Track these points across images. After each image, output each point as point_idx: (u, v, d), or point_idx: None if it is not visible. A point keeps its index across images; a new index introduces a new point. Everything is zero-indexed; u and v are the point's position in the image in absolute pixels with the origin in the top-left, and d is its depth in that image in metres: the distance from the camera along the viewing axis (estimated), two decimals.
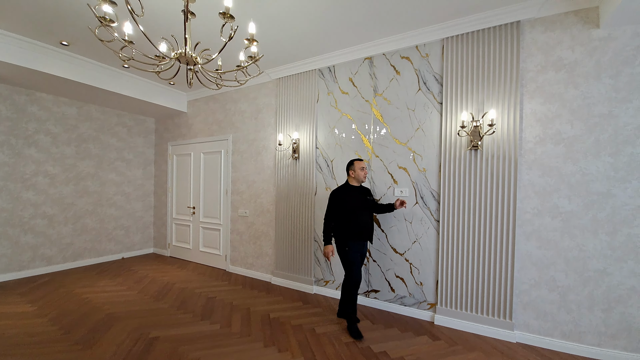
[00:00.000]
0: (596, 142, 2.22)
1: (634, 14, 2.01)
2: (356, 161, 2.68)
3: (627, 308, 2.08)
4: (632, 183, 2.10)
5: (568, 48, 2.34)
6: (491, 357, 2.18)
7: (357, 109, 3.27)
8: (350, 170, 2.68)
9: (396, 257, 2.99)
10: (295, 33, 2.96)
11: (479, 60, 2.63)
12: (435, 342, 2.38)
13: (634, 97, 2.11)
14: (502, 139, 2.50)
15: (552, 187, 2.36)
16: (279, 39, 3.05)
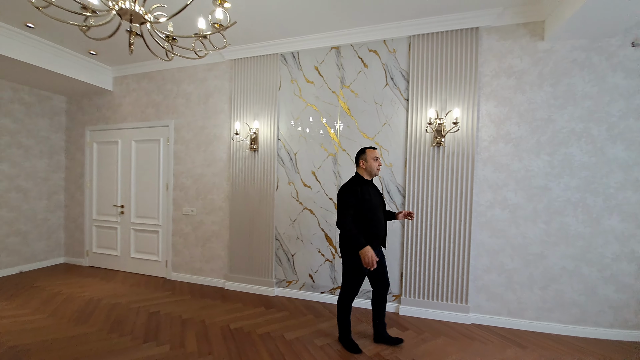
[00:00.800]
0: (537, 143, 2.54)
1: (574, 30, 2.32)
2: (368, 149, 2.18)
3: (559, 285, 2.46)
4: (564, 178, 2.47)
5: (517, 57, 2.60)
6: (455, 340, 2.33)
7: (323, 99, 3.12)
8: (361, 161, 2.19)
9: None
10: (256, 10, 2.64)
11: (442, 61, 2.74)
12: (404, 332, 2.44)
13: (569, 104, 2.46)
14: (462, 137, 2.67)
15: (502, 182, 2.62)
16: (237, 15, 2.67)
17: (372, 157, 2.15)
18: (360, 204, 2.08)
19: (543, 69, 2.53)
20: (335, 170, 3.07)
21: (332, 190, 3.07)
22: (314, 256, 3.11)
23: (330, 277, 3.06)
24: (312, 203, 3.13)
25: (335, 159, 3.07)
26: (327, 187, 3.09)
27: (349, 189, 2.13)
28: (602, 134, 2.39)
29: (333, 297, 3.03)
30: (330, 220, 3.06)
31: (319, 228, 3.10)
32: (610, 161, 2.37)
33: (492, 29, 2.67)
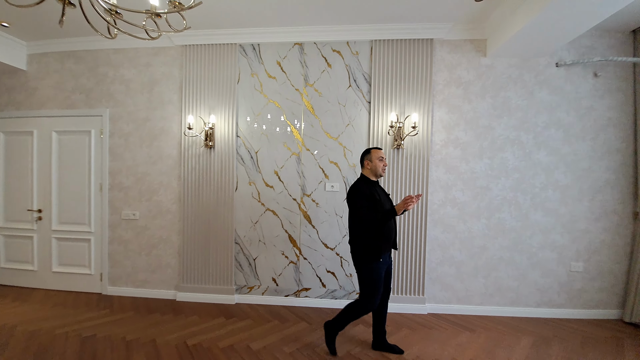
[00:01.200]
0: (480, 148, 2.85)
1: (509, 50, 2.66)
2: (373, 150, 2.12)
3: (498, 273, 2.82)
4: (501, 180, 2.82)
5: (465, 69, 2.88)
6: (416, 330, 2.50)
7: (286, 97, 3.02)
8: (366, 161, 2.12)
9: (327, 252, 2.98)
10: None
11: (401, 67, 2.88)
12: (370, 329, 2.51)
13: (505, 114, 2.81)
14: (419, 141, 2.85)
15: (452, 182, 2.88)
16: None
17: (377, 157, 2.09)
18: (372, 207, 1.98)
19: (485, 82, 2.85)
20: (299, 170, 3.00)
21: (296, 190, 3.00)
22: (278, 259, 3.01)
23: (295, 280, 3.00)
24: (275, 204, 3.01)
25: (299, 158, 3.01)
26: (290, 187, 3.01)
27: (359, 191, 2.02)
28: (529, 141, 2.80)
29: (298, 300, 2.98)
30: (294, 221, 2.99)
31: (283, 230, 3.01)
32: (536, 165, 2.79)
33: (444, 42, 2.89)
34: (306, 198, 3.00)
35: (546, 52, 2.69)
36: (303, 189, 3.01)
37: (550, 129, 2.78)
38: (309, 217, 3.00)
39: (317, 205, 3.00)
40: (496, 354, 2.18)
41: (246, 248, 3.04)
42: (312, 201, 3.00)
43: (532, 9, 2.18)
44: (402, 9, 2.56)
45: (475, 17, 2.67)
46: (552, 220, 2.77)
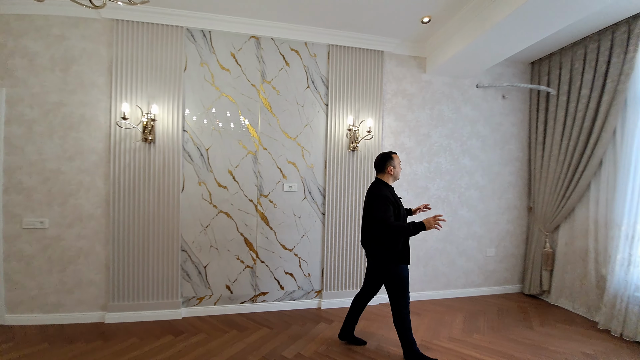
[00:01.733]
0: (421, 153, 3.24)
1: (443, 70, 3.10)
2: (394, 154, 2.12)
3: (434, 262, 3.26)
4: (436, 181, 3.26)
5: (409, 83, 3.23)
6: (373, 320, 2.68)
7: (241, 91, 2.85)
8: (390, 167, 2.08)
9: (285, 254, 2.93)
10: None
11: (356, 74, 3.05)
12: (331, 325, 2.60)
13: (440, 125, 3.26)
14: (371, 144, 3.07)
15: (399, 183, 3.18)
16: None
17: (398, 163, 2.14)
18: (397, 214, 1.98)
19: (425, 95, 3.25)
20: (256, 170, 2.87)
21: (252, 191, 2.86)
22: (232, 264, 2.82)
23: (252, 285, 2.85)
24: (229, 205, 2.81)
25: (255, 157, 2.88)
26: (246, 187, 2.85)
27: (383, 195, 1.97)
28: (457, 148, 3.32)
29: (256, 306, 2.84)
30: (251, 224, 2.85)
31: (238, 233, 2.83)
32: (462, 169, 3.33)
33: (393, 55, 3.19)
34: (263, 199, 2.90)
35: (470, 75, 3.23)
36: (260, 189, 2.89)
37: (472, 139, 3.35)
38: (266, 218, 2.90)
39: (275, 206, 2.92)
40: (439, 331, 2.53)
41: (195, 255, 2.75)
42: (269, 202, 2.91)
43: (461, 41, 2.63)
44: (357, 19, 2.72)
45: (418, 37, 3.03)
46: (474, 215, 3.35)
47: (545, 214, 3.16)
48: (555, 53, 3.14)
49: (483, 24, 2.37)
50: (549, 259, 3.09)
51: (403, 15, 2.64)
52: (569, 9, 2.04)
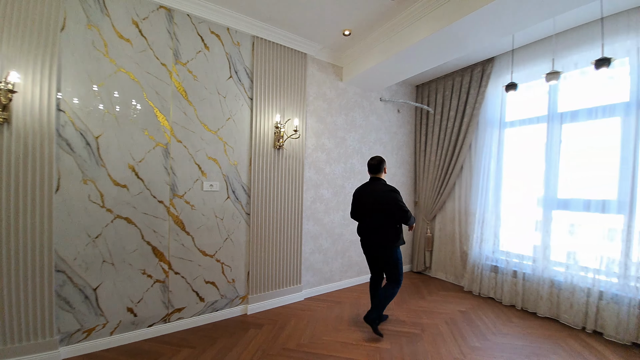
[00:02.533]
0: (339, 154, 3.52)
1: (355, 82, 3.47)
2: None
3: (350, 253, 3.58)
4: (351, 180, 3.62)
5: (328, 88, 3.45)
6: (301, 317, 2.72)
7: (147, 69, 2.36)
8: (385, 168, 2.61)
9: (205, 261, 2.60)
10: None
11: (282, 72, 3.04)
12: (262, 329, 2.48)
13: (353, 130, 3.63)
14: (296, 143, 3.12)
15: (320, 181, 3.37)
16: None
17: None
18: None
19: (341, 101, 3.55)
20: (168, 166, 2.43)
21: (162, 190, 2.40)
22: (135, 281, 2.28)
23: (163, 302, 2.38)
24: (131, 209, 2.27)
25: (167, 151, 2.43)
26: (154, 186, 2.37)
27: (396, 191, 2.43)
28: (366, 152, 3.77)
29: (170, 326, 2.39)
30: (161, 229, 2.39)
31: (143, 241, 2.32)
32: None
33: (315, 60, 3.33)
34: (178, 200, 2.48)
35: (376, 89, 3.74)
36: (173, 188, 2.46)
37: (377, 145, 3.88)
38: (181, 222, 2.49)
39: (193, 208, 2.55)
40: (360, 312, 2.81)
41: (79, 275, 2.08)
42: (185, 203, 2.52)
43: (373, 59, 3.04)
44: (283, 16, 2.69)
45: (338, 47, 3.28)
46: None
47: (426, 207, 4.00)
48: (433, 80, 4.03)
49: (392, 48, 2.80)
50: (429, 241, 3.94)
51: (328, 24, 2.81)
52: (451, 50, 2.68)
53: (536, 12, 2.11)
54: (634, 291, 2.26)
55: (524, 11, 2.10)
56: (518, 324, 2.64)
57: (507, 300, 3.05)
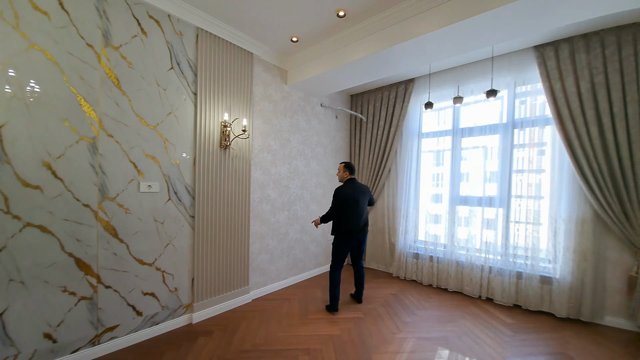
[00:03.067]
0: (284, 155, 3.60)
1: (298, 87, 3.62)
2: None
3: (294, 251, 3.69)
4: (295, 180, 3.74)
5: (274, 90, 3.50)
6: (251, 319, 2.70)
7: (68, 49, 2.00)
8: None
9: (143, 270, 2.33)
10: None
11: (229, 69, 2.95)
12: (212, 336, 2.38)
13: (297, 132, 3.76)
14: (243, 143, 3.07)
15: (266, 182, 3.38)
16: None
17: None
18: None
19: (286, 104, 3.65)
20: (95, 163, 2.10)
21: (88, 192, 2.06)
22: (53, 300, 1.90)
23: (91, 322, 2.04)
24: (47, 215, 1.88)
25: (94, 146, 2.10)
26: (78, 187, 2.02)
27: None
28: (309, 154, 3.96)
29: (100, 349, 2.07)
30: (87, 238, 2.05)
31: (64, 253, 1.95)
32: (312, 171, 4.01)
33: (261, 60, 3.34)
34: (108, 203, 2.17)
35: (317, 95, 3.98)
36: (102, 189, 2.14)
37: (318, 147, 4.12)
38: (113, 228, 2.18)
39: (127, 212, 2.26)
40: (308, 307, 2.97)
41: None
42: (118, 206, 2.21)
43: (316, 68, 3.26)
44: (230, 11, 2.62)
45: (284, 51, 3.37)
46: (320, 208, 4.12)
47: None
48: (366, 92, 4.50)
49: (335, 61, 3.06)
50: None
51: (277, 28, 2.87)
52: (384, 69, 3.10)
53: (451, 48, 2.65)
54: (512, 265, 3.07)
55: (443, 46, 2.62)
56: (435, 299, 3.24)
57: (426, 281, 3.68)
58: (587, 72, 2.72)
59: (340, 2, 2.51)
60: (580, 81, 2.75)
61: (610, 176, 2.62)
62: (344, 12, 2.64)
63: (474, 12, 2.17)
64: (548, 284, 2.88)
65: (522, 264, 3.04)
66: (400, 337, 2.41)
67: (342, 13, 2.65)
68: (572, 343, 2.34)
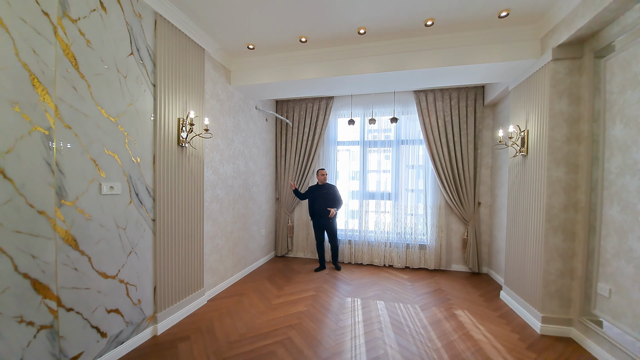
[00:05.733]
0: (229, 155, 3.63)
1: (240, 88, 3.75)
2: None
3: (238, 248, 3.76)
4: (237, 180, 3.81)
5: (220, 89, 3.49)
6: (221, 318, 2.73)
7: (21, 14, 1.58)
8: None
9: (106, 284, 2.01)
10: None
11: (183, 62, 2.81)
12: (191, 339, 2.33)
13: (239, 133, 3.84)
14: (197, 142, 2.98)
15: (215, 182, 3.34)
16: None
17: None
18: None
19: (230, 104, 3.68)
20: (51, 160, 1.71)
21: (43, 195, 1.67)
22: (10, 336, 1.47)
23: (53, 355, 1.65)
24: None
25: (49, 138, 1.71)
26: (30, 190, 1.61)
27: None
28: (247, 154, 4.09)
29: None
30: (43, 253, 1.65)
31: (17, 274, 1.52)
32: (251, 170, 4.15)
33: (211, 58, 3.28)
34: (67, 208, 1.79)
35: (254, 98, 4.17)
36: (60, 192, 1.76)
37: (254, 148, 4.29)
38: (73, 238, 1.81)
39: (88, 218, 1.91)
40: (266, 295, 3.24)
41: None
42: (78, 212, 1.85)
43: (261, 77, 3.55)
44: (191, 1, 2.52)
45: (233, 52, 3.43)
46: (255, 206, 4.31)
47: (287, 202, 4.92)
48: (291, 100, 5.00)
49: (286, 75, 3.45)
50: (290, 230, 4.88)
51: (235, 32, 2.96)
52: (322, 89, 3.78)
53: (376, 85, 3.62)
54: (403, 240, 4.41)
55: (370, 83, 3.54)
56: (357, 271, 4.20)
57: (348, 259, 4.63)
58: (442, 113, 4.33)
59: (305, 31, 2.96)
60: (439, 118, 4.33)
61: (453, 179, 4.30)
62: (305, 39, 3.10)
63: (389, 69, 3.13)
64: (424, 249, 4.39)
65: (409, 238, 4.44)
66: (350, 300, 3.15)
67: (304, 39, 3.10)
68: (441, 282, 3.79)
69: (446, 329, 2.59)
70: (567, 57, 2.47)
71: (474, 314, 2.90)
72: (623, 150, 2.03)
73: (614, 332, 2.07)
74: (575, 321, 2.47)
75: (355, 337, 2.43)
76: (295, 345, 2.30)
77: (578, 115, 2.46)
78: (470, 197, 4.20)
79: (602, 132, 2.23)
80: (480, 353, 2.24)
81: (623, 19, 2.03)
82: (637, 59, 1.95)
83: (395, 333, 2.51)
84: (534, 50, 2.73)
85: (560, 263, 2.53)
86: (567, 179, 2.49)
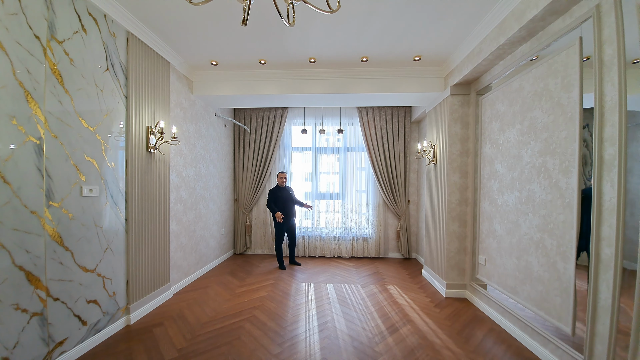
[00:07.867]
0: (191, 159, 3.90)
1: (202, 97, 4.08)
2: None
3: (200, 246, 4.03)
4: (199, 182, 4.09)
5: (184, 98, 3.77)
6: (190, 306, 3.04)
7: (17, 38, 1.81)
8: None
9: (86, 277, 2.23)
10: None
11: (152, 75, 3.09)
12: (164, 325, 2.62)
13: (200, 138, 4.13)
14: (163, 148, 3.25)
15: (180, 184, 3.60)
16: None
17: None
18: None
19: (192, 112, 3.96)
20: (42, 166, 1.93)
21: (35, 197, 1.89)
22: (8, 321, 1.68)
23: (43, 339, 1.85)
24: None
25: (40, 147, 1.93)
26: (26, 193, 1.83)
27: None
28: (208, 158, 4.38)
29: None
30: (35, 248, 1.87)
31: (14, 267, 1.74)
32: (209, 173, 4.44)
33: (175, 70, 3.56)
34: (54, 209, 2.01)
35: (213, 106, 4.49)
36: (49, 194, 1.98)
37: (214, 153, 4.59)
38: (59, 236, 2.04)
39: (72, 218, 2.14)
40: (229, 286, 3.60)
41: None
42: (63, 212, 2.08)
43: (222, 89, 3.95)
44: (157, 21, 2.78)
45: (196, 65, 3.76)
46: (215, 206, 4.60)
47: (245, 202, 5.28)
48: (249, 108, 5.39)
49: (249, 89, 3.91)
50: (249, 228, 5.24)
51: (199, 51, 3.33)
52: (280, 102, 4.30)
53: (325, 102, 4.27)
54: (349, 234, 5.13)
55: (319, 100, 4.18)
56: (311, 262, 4.77)
57: (302, 253, 5.18)
58: (379, 127, 5.18)
59: (264, 55, 3.45)
60: (377, 131, 5.17)
61: (389, 182, 5.17)
62: (264, 61, 3.59)
63: (335, 91, 3.82)
64: (366, 241, 5.17)
65: (354, 232, 5.18)
66: (304, 285, 3.71)
67: (263, 62, 3.59)
68: (379, 267, 4.59)
69: (379, 299, 3.32)
70: (459, 93, 3.40)
71: (401, 288, 3.70)
72: (490, 163, 2.98)
73: (493, 292, 2.99)
74: (467, 285, 3.40)
75: (308, 310, 2.99)
76: (259, 320, 2.77)
77: (467, 136, 3.41)
78: (402, 196, 5.11)
79: (480, 150, 3.18)
80: (402, 312, 2.99)
81: (493, 70, 2.98)
82: (498, 100, 2.89)
83: (340, 305, 3.14)
84: (440, 86, 3.65)
85: (457, 243, 3.45)
86: (460, 182, 3.43)
